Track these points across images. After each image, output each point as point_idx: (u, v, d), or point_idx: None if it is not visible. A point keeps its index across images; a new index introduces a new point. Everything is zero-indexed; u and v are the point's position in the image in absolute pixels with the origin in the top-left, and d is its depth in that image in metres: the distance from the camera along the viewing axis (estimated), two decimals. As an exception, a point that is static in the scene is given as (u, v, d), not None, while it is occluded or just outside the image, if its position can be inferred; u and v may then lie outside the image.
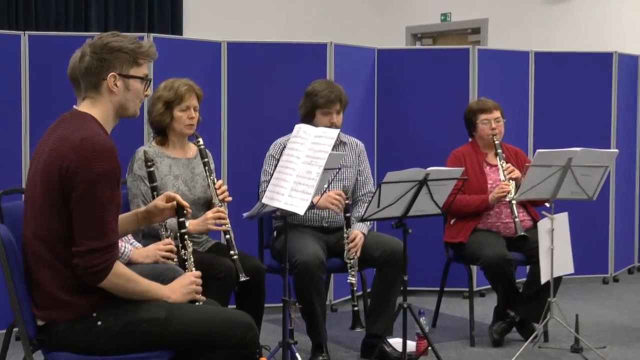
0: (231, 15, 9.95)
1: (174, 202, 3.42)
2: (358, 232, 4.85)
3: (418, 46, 11.12)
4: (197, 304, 3.31)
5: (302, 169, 4.00)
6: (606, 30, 9.42)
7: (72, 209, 2.95)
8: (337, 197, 4.76)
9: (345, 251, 4.77)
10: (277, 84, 6.00)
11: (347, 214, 4.79)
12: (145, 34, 5.66)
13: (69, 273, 3.00)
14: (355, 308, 4.70)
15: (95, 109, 3.09)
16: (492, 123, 5.41)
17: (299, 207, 3.92)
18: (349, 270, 4.74)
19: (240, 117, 6.00)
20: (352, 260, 4.76)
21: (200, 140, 4.49)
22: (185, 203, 3.46)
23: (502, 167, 5.29)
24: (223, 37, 6.10)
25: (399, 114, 6.58)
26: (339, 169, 4.59)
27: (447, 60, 6.63)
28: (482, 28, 10.87)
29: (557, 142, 5.56)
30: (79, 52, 3.20)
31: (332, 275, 5.61)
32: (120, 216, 3.23)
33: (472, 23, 10.98)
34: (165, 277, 3.69)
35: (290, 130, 4.40)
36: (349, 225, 4.81)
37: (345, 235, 4.78)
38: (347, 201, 4.78)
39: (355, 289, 4.70)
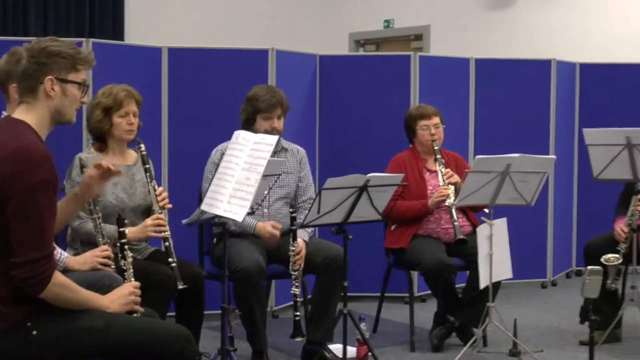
0: (173, 20, 9.90)
1: (105, 167, 3.48)
2: (303, 243, 4.84)
3: (360, 52, 11.17)
4: (135, 314, 3.29)
5: (241, 175, 3.99)
6: (545, 37, 9.55)
7: (9, 219, 2.90)
8: (273, 231, 4.79)
9: (291, 263, 4.76)
10: (219, 90, 5.98)
11: (293, 227, 4.78)
12: (84, 39, 5.59)
13: (2, 284, 2.95)
14: (297, 318, 4.70)
15: (30, 114, 3.05)
16: (431, 129, 5.46)
17: (238, 213, 3.91)
18: (293, 282, 4.73)
19: (181, 123, 5.97)
20: (296, 272, 4.76)
21: (142, 146, 4.46)
22: (111, 167, 3.50)
23: (441, 172, 5.33)
24: (166, 42, 6.07)
25: (341, 120, 6.60)
26: (279, 175, 4.60)
27: (388, 66, 6.67)
28: (425, 34, 10.96)
29: (497, 147, 5.61)
30: (6, 56, 3.17)
31: (273, 281, 5.61)
32: (59, 202, 3.21)
33: (414, 30, 11.05)
34: (102, 285, 3.67)
35: (231, 137, 4.39)
36: (295, 238, 4.79)
37: (291, 248, 4.77)
38: (292, 214, 4.77)
39: (298, 299, 4.70)
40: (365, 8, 11.36)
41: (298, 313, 4.68)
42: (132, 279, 3.65)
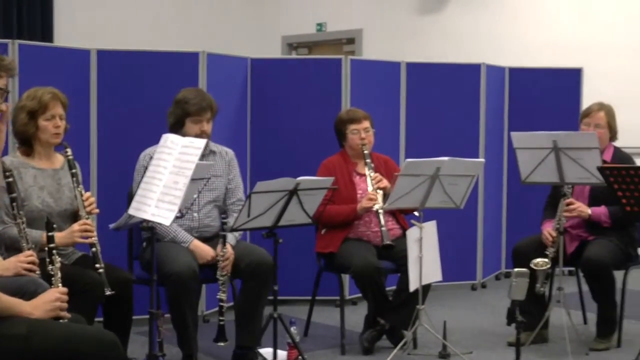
0: (103, 22, 9.79)
1: None
2: (231, 250, 4.82)
3: (292, 56, 11.17)
4: (61, 320, 3.25)
5: (169, 179, 3.96)
6: (475, 42, 9.66)
7: None
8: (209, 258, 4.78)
9: (219, 269, 4.73)
10: (148, 93, 5.93)
11: (223, 232, 4.75)
12: (10, 41, 5.49)
13: None
14: (222, 322, 4.68)
15: None
16: (361, 133, 5.47)
17: (166, 218, 3.88)
18: (220, 287, 4.71)
19: (109, 126, 5.90)
20: (223, 277, 4.74)
21: (69, 150, 4.40)
22: None
23: (370, 177, 5.35)
24: (96, 44, 6.00)
25: (273, 123, 6.59)
26: (208, 178, 4.57)
27: (319, 70, 6.67)
28: (357, 38, 11.01)
29: (428, 151, 5.66)
30: None
31: (204, 285, 5.57)
32: None
33: (346, 33, 11.10)
34: (27, 291, 3.60)
35: (160, 140, 4.36)
36: (224, 244, 4.77)
37: (220, 253, 4.74)
38: (224, 219, 4.75)
39: (224, 305, 4.67)
40: (298, 11, 11.37)
41: (223, 318, 4.66)
42: (60, 284, 3.60)
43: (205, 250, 4.82)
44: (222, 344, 4.69)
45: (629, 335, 5.51)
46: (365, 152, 5.44)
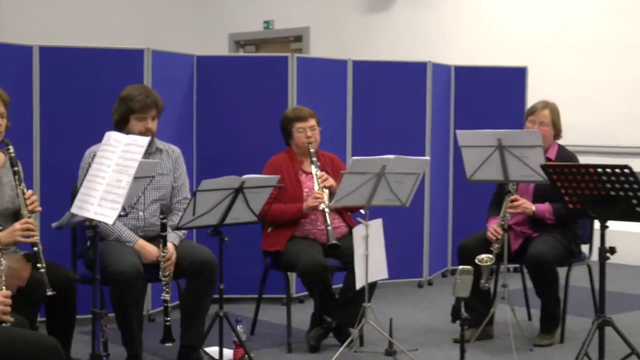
0: (47, 18, 9.67)
1: None
2: (173, 248, 4.79)
3: (239, 53, 11.14)
4: (3, 324, 3.20)
5: (112, 177, 3.91)
6: (422, 41, 9.71)
7: None
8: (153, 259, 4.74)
9: (161, 269, 4.70)
10: (92, 90, 5.86)
11: (164, 233, 4.71)
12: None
13: None
14: (167, 323, 4.64)
15: None
16: (307, 131, 5.47)
17: (109, 216, 3.84)
18: (164, 287, 4.68)
19: (53, 124, 5.83)
20: (166, 278, 4.70)
21: (11, 148, 4.33)
22: None
23: (316, 175, 5.35)
24: (40, 41, 5.92)
25: (220, 121, 6.56)
26: (153, 177, 4.54)
27: (265, 67, 6.66)
28: (304, 36, 11.02)
29: (374, 149, 5.66)
30: None
31: (150, 284, 5.53)
32: None
33: (294, 31, 11.11)
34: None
35: (104, 138, 4.31)
36: (165, 244, 4.73)
37: (162, 254, 4.71)
38: (163, 220, 4.71)
39: (168, 305, 4.64)
40: (245, 9, 11.35)
41: (168, 318, 4.63)
42: (4, 287, 3.54)
43: (150, 251, 4.78)
44: (169, 344, 4.66)
45: (571, 330, 5.57)
46: (312, 150, 5.44)
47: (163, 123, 5.10)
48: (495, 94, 7.57)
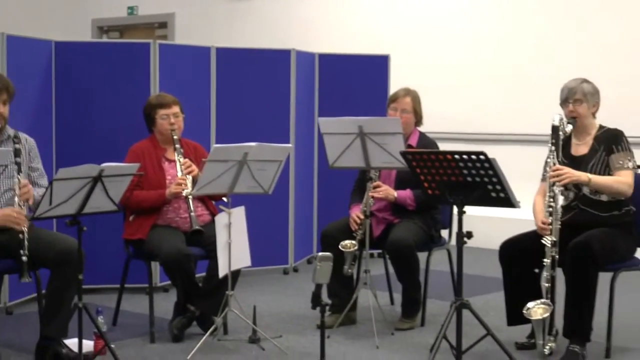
0: None
1: None
2: (26, 180, 4.65)
3: (103, 39, 10.92)
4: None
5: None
6: (287, 28, 9.73)
7: None
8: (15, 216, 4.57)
9: (17, 197, 4.55)
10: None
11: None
12: None
13: None
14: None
15: None
16: (170, 118, 5.41)
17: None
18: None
19: None
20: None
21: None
22: None
23: (179, 162, 5.30)
24: None
25: (80, 108, 6.41)
26: (6, 166, 4.39)
27: (128, 54, 6.54)
28: (169, 22, 10.89)
29: (239, 137, 5.64)
30: None
31: (7, 276, 5.37)
32: None
33: (159, 17, 10.96)
34: None
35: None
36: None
37: (17, 185, 4.57)
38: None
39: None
40: (109, -6, 11.14)
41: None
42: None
43: (4, 212, 4.60)
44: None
45: (432, 314, 5.69)
46: (175, 137, 5.38)
47: (19, 111, 4.97)
48: (358, 81, 7.64)
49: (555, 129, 4.89)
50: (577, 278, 4.70)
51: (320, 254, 4.20)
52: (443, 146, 5.66)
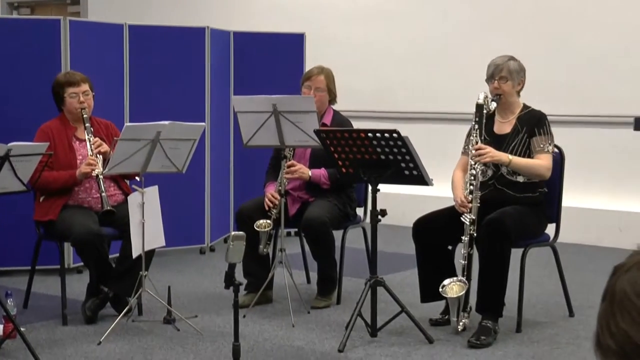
0: None
1: None
2: None
3: (12, 15, 10.66)
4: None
5: None
6: (202, 6, 9.63)
7: None
8: None
9: None
10: None
11: None
12: None
13: None
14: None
15: None
16: (80, 96, 5.31)
17: None
18: None
19: None
20: None
21: None
22: None
23: (89, 141, 5.21)
24: None
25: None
26: None
27: (37, 31, 6.38)
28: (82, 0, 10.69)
29: (153, 116, 5.55)
30: None
31: None
32: None
33: (72, -6, 10.75)
34: None
35: None
36: None
37: None
38: None
39: None
40: (19, -31, 10.89)
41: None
42: None
43: None
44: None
45: (347, 292, 5.72)
46: (85, 116, 5.28)
47: None
48: (274, 59, 7.60)
49: (479, 107, 4.93)
50: (490, 254, 4.76)
51: (232, 233, 4.18)
52: (357, 124, 5.66)
